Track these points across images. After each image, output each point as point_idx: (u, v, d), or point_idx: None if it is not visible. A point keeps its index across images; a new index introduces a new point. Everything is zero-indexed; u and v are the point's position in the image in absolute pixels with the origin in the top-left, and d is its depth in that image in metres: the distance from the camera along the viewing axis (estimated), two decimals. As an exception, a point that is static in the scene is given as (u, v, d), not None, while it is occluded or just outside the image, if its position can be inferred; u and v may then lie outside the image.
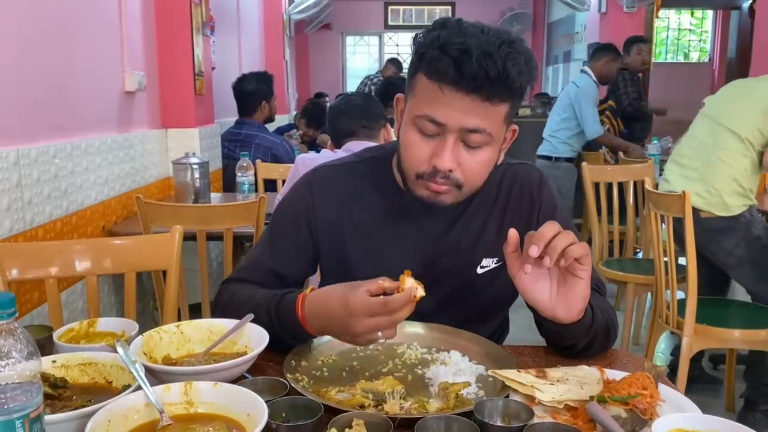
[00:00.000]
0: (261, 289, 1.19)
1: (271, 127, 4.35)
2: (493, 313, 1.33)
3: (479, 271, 1.26)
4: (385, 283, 0.98)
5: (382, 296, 0.97)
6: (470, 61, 1.02)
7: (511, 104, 1.09)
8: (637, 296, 3.10)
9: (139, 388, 0.86)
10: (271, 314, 1.10)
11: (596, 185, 3.41)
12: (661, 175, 4.17)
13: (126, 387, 0.90)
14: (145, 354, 1.02)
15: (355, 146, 2.20)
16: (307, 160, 2.29)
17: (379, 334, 0.99)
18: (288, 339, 1.10)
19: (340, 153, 2.24)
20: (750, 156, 2.46)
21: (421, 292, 0.96)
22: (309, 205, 1.27)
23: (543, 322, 1.11)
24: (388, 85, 3.66)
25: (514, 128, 1.18)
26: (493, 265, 1.25)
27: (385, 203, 1.26)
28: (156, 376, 0.95)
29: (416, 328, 1.19)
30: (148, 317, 2.75)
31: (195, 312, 2.28)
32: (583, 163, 3.40)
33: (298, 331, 1.08)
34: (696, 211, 2.44)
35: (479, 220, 1.26)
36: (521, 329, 1.38)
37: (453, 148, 1.09)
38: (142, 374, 0.88)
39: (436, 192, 1.13)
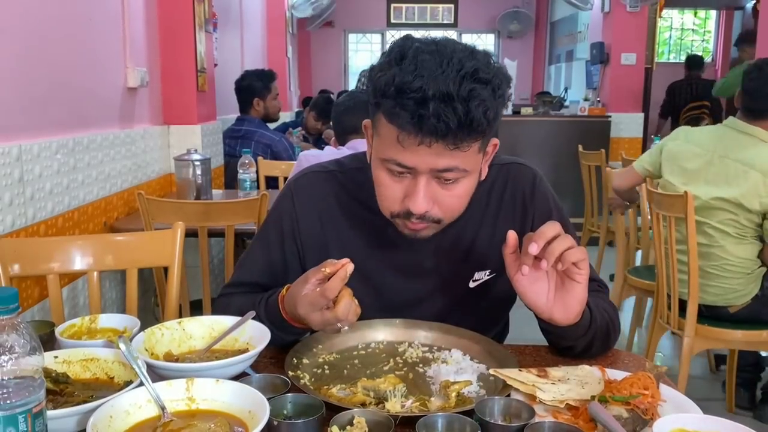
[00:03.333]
0: (250, 297, 1.19)
1: (275, 124, 4.35)
2: (489, 323, 1.29)
3: (472, 285, 1.23)
4: (327, 268, 1.00)
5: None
6: (428, 114, 0.93)
7: (483, 139, 1.02)
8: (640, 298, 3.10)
9: (140, 384, 0.87)
10: (262, 317, 1.11)
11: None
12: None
13: (128, 383, 0.91)
14: (146, 350, 1.02)
15: (359, 144, 2.20)
16: (311, 157, 2.29)
17: (339, 324, 1.01)
18: (290, 337, 1.12)
19: (344, 150, 2.24)
20: (746, 243, 2.31)
21: (351, 266, 0.99)
22: (292, 216, 1.24)
23: (541, 323, 1.11)
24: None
25: (495, 142, 1.10)
26: (486, 278, 1.23)
27: (369, 219, 1.20)
28: (157, 373, 0.95)
29: (417, 327, 1.19)
30: (150, 313, 2.75)
31: (196, 308, 2.28)
32: (607, 169, 3.35)
33: (293, 329, 1.10)
34: (725, 309, 2.37)
35: (469, 232, 1.22)
36: (522, 328, 1.37)
37: (426, 188, 1.03)
38: (144, 370, 0.88)
39: (414, 230, 1.09)
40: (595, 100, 7.42)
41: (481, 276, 1.22)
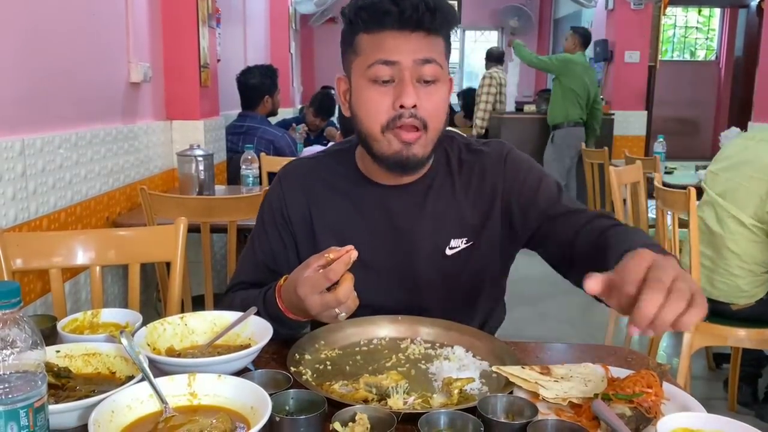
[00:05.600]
0: (253, 291, 1.21)
1: (276, 120, 4.35)
2: (474, 298, 1.31)
3: (448, 252, 1.26)
4: (330, 254, 1.01)
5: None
6: (405, 3, 1.10)
7: (446, 40, 1.18)
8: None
9: (142, 379, 0.86)
10: (261, 312, 1.12)
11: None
12: (666, 172, 4.17)
13: (129, 378, 0.91)
14: (148, 345, 1.02)
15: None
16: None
17: (336, 310, 1.02)
18: (285, 330, 1.12)
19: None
20: (759, 241, 2.29)
21: (355, 253, 1.00)
22: (281, 200, 1.31)
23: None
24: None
25: (450, 78, 1.22)
26: (463, 246, 1.26)
27: (350, 192, 1.28)
28: (159, 368, 0.95)
29: (419, 323, 1.19)
30: (151, 308, 2.75)
31: (198, 304, 2.28)
32: (611, 167, 3.34)
33: (289, 322, 1.10)
34: (728, 305, 2.37)
35: (443, 200, 1.27)
36: (525, 325, 1.38)
37: (411, 84, 1.13)
38: (146, 365, 0.88)
39: (406, 142, 1.15)
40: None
41: (458, 244, 1.26)
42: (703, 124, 10.11)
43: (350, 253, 1.00)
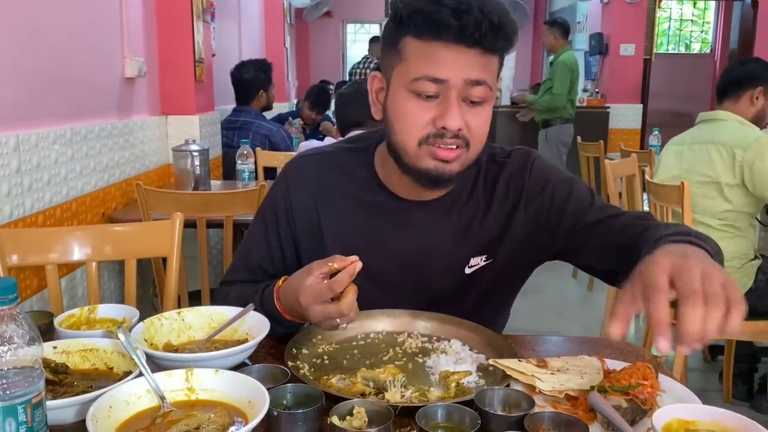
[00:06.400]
0: (249, 286, 1.19)
1: (271, 114, 4.34)
2: (489, 314, 1.26)
3: (467, 271, 1.20)
4: (334, 264, 0.99)
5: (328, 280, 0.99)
6: (470, 11, 0.99)
7: (501, 58, 1.08)
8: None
9: (140, 374, 0.86)
10: (258, 310, 1.10)
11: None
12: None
13: (127, 373, 0.91)
14: (145, 340, 1.02)
15: (358, 135, 2.19)
16: (311, 148, 2.28)
17: (338, 320, 1.00)
18: (282, 329, 1.10)
19: (343, 142, 2.23)
20: (730, 237, 2.37)
21: (359, 264, 0.98)
22: (286, 198, 1.23)
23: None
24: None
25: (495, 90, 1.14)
26: (483, 263, 1.20)
27: (365, 199, 1.20)
28: (157, 363, 0.95)
29: (417, 318, 1.19)
30: (148, 304, 2.75)
31: (195, 299, 2.28)
32: (606, 161, 3.35)
33: (286, 323, 1.09)
34: None
35: (466, 217, 1.20)
36: (522, 318, 1.38)
37: (458, 105, 1.04)
38: (143, 361, 0.88)
39: (444, 160, 1.06)
40: (594, 91, 7.41)
41: (478, 262, 1.20)
42: (697, 116, 10.10)
43: (355, 264, 0.98)
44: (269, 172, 3.49)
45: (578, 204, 1.17)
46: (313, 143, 2.45)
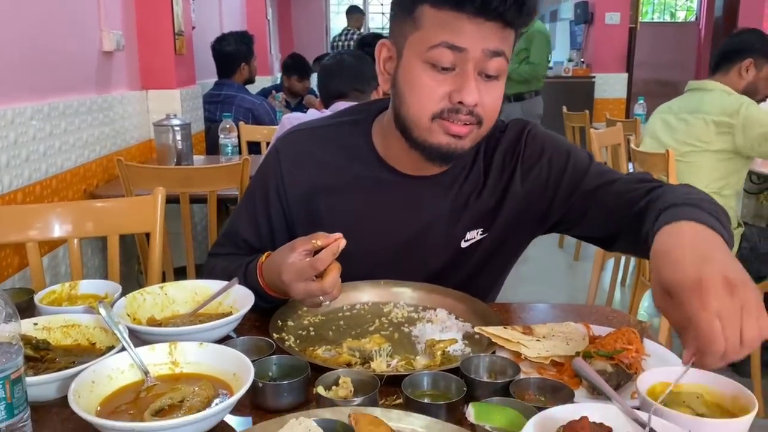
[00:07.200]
0: (236, 260, 1.17)
1: (254, 88, 4.28)
2: (484, 287, 1.25)
3: (463, 245, 1.19)
4: (318, 241, 0.97)
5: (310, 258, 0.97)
6: None
7: (517, 33, 1.05)
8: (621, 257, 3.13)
9: (122, 349, 0.85)
10: (242, 284, 1.09)
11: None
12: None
13: (110, 348, 0.90)
14: (128, 316, 1.01)
15: (343, 108, 2.16)
16: (294, 120, 2.25)
17: (321, 298, 0.99)
18: (265, 304, 1.09)
19: (328, 113, 2.20)
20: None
21: (343, 242, 0.96)
22: (278, 175, 1.19)
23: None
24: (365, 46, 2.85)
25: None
26: (479, 237, 1.19)
27: (363, 174, 1.17)
28: (140, 338, 0.94)
29: (402, 288, 1.18)
30: (133, 281, 2.73)
31: (180, 275, 2.26)
32: (591, 130, 3.34)
33: (269, 298, 1.08)
34: None
35: (466, 192, 1.18)
36: (507, 289, 1.37)
37: (475, 79, 1.01)
38: (126, 335, 0.87)
39: (457, 136, 1.04)
40: (579, 60, 7.38)
41: (474, 236, 1.18)
42: (683, 85, 10.11)
43: (338, 242, 0.96)
44: (253, 147, 3.45)
45: (576, 171, 1.15)
46: (297, 115, 2.42)
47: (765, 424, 2.36)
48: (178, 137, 2.66)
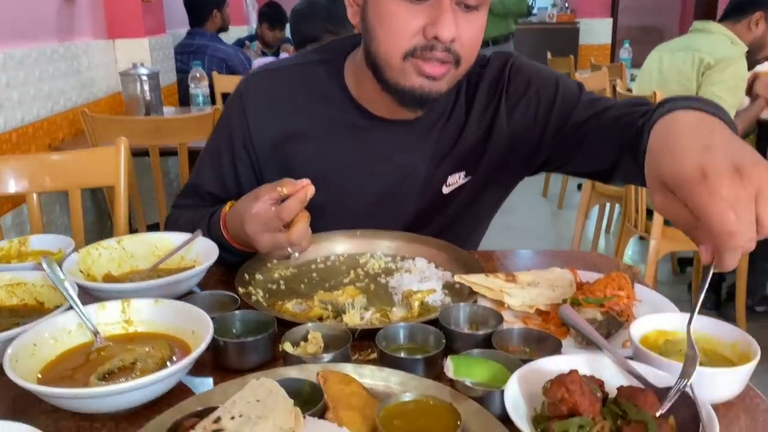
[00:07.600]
0: (200, 210, 1.09)
1: (230, 39, 4.12)
2: (467, 232, 1.19)
3: (445, 190, 1.12)
4: (284, 189, 0.87)
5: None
6: None
7: None
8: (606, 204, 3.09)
9: (70, 308, 0.78)
10: (206, 236, 1.01)
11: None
12: (632, 79, 4.09)
13: (59, 307, 0.82)
14: (81, 272, 0.93)
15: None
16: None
17: (289, 250, 0.90)
18: (231, 258, 1.01)
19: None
20: None
21: (312, 189, 0.87)
22: (242, 122, 1.11)
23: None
24: None
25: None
26: (462, 181, 1.12)
27: (335, 118, 1.10)
28: (94, 295, 0.87)
29: (380, 237, 1.11)
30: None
31: (154, 231, 2.19)
32: (576, 75, 3.26)
33: (234, 251, 1.00)
34: None
35: (447, 135, 1.10)
36: (491, 238, 1.31)
37: (452, 10, 0.92)
38: (73, 293, 0.79)
39: (431, 77, 0.95)
40: (564, 6, 7.23)
41: (456, 180, 1.11)
42: (667, 30, 9.99)
43: (306, 189, 0.87)
44: (228, 98, 3.33)
45: (566, 102, 1.06)
46: (269, 59, 2.31)
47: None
48: (146, 87, 2.55)
